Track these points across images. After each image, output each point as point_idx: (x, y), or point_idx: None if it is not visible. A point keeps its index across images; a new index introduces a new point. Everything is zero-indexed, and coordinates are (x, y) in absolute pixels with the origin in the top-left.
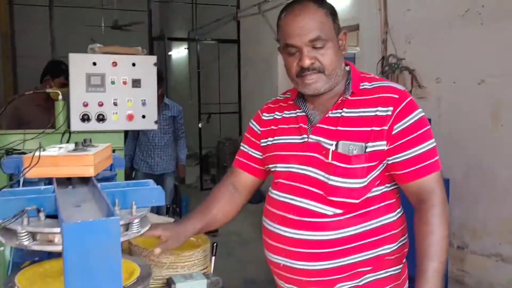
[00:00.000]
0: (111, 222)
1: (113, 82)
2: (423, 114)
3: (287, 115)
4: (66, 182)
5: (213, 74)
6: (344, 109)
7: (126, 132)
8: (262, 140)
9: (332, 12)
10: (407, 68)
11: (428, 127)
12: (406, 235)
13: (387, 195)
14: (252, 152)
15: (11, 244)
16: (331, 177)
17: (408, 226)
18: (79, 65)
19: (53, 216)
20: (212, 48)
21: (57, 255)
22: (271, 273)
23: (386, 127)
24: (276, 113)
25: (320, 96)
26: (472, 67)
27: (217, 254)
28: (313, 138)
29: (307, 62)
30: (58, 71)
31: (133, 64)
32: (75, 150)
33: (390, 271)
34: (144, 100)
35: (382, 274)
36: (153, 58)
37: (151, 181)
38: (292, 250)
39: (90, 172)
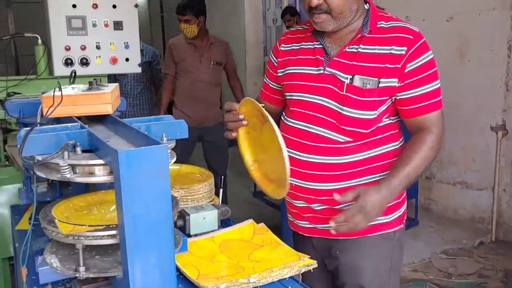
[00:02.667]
0: (160, 149)
1: (94, 25)
2: (433, 56)
3: (305, 47)
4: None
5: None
6: (361, 45)
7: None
8: (279, 71)
9: None
10: (377, 7)
11: (436, 69)
12: None
13: (392, 126)
14: (271, 84)
15: (53, 178)
16: (344, 107)
17: None
18: (58, 7)
19: (85, 151)
20: None
21: (74, 192)
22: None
23: (399, 66)
24: (294, 44)
25: (337, 31)
26: (441, 4)
27: None
28: (329, 70)
29: (314, 2)
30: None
31: (114, 6)
32: (90, 89)
33: None
34: (127, 42)
35: None
36: None
37: (170, 116)
38: (306, 172)
39: (108, 110)
